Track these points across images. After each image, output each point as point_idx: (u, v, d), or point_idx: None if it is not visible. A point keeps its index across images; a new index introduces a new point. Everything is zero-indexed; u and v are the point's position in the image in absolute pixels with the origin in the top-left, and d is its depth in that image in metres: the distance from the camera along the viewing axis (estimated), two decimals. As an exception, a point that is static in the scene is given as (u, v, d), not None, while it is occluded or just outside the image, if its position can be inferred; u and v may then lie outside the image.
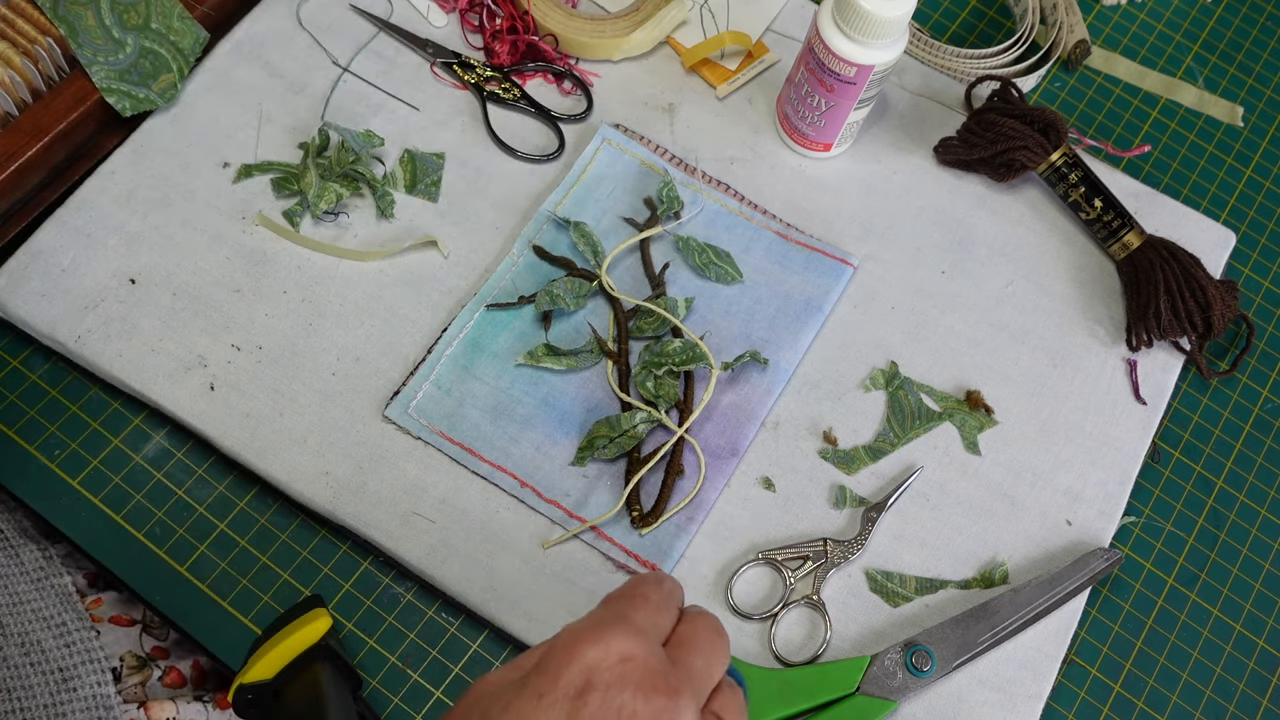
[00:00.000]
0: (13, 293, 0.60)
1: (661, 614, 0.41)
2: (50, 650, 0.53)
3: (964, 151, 0.67)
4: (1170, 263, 0.64)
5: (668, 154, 0.67)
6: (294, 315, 0.61)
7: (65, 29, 0.61)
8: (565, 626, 0.39)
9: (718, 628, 0.42)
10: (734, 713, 0.41)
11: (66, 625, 0.55)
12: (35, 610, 0.55)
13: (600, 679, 0.37)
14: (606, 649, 0.38)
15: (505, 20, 0.69)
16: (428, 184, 0.65)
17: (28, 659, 0.53)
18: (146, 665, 0.55)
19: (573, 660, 0.38)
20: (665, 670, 0.38)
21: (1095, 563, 0.58)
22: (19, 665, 0.52)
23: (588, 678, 0.37)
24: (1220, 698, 0.59)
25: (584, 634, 0.38)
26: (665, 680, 0.38)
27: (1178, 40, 0.77)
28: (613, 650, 0.38)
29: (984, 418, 0.62)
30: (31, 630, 0.54)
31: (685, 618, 0.42)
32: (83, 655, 0.54)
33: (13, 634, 0.53)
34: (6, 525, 0.58)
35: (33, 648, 0.53)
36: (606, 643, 0.38)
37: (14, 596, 0.55)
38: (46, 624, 0.54)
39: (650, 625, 0.41)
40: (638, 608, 0.41)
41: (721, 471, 0.59)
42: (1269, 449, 0.65)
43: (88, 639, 0.54)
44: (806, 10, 0.72)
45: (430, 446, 0.59)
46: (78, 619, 0.55)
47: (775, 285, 0.64)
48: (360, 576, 0.58)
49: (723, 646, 0.42)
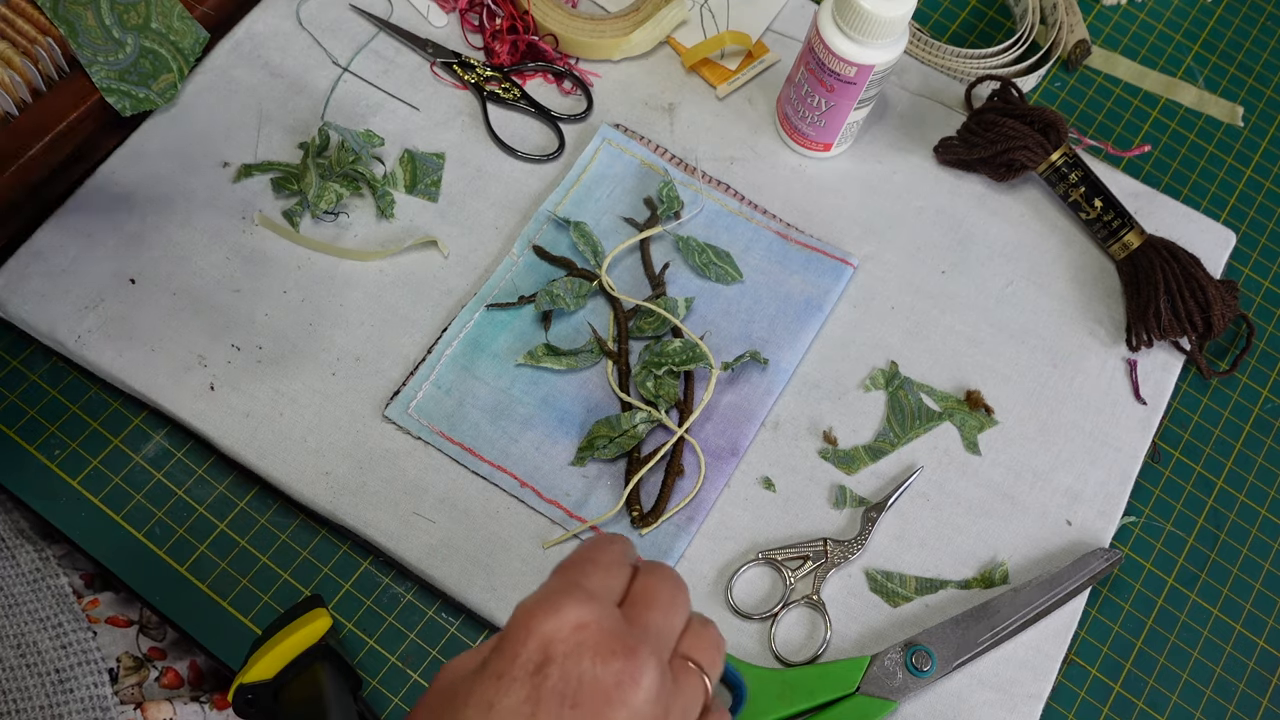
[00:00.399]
0: (13, 293, 0.60)
1: (613, 575, 0.41)
2: (46, 652, 0.53)
3: (964, 151, 0.67)
4: (1170, 263, 0.64)
5: (668, 154, 0.67)
6: (294, 315, 0.61)
7: (65, 29, 0.61)
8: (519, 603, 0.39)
9: (674, 577, 0.42)
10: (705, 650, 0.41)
11: (63, 626, 0.54)
12: (31, 612, 0.55)
13: (557, 650, 0.37)
14: (560, 619, 0.37)
15: (505, 20, 0.69)
16: (428, 184, 0.65)
17: (24, 661, 0.53)
18: (143, 666, 0.55)
19: (529, 636, 0.37)
20: (621, 631, 0.38)
21: (1095, 563, 0.58)
22: (15, 667, 0.52)
23: (545, 651, 0.37)
24: (1220, 698, 0.59)
25: (536, 607, 0.38)
26: (621, 641, 0.38)
27: (1178, 40, 0.77)
28: (566, 619, 0.37)
29: (984, 418, 0.62)
30: (27, 632, 0.54)
31: (640, 573, 0.42)
32: (79, 656, 0.54)
33: (8, 636, 0.53)
34: (3, 526, 0.58)
35: (29, 649, 0.53)
36: (560, 613, 0.37)
37: (9, 598, 0.55)
38: (43, 625, 0.54)
39: (602, 588, 0.40)
40: (588, 573, 0.40)
41: (721, 471, 0.59)
42: (1269, 449, 0.65)
43: (84, 640, 0.54)
44: (806, 10, 0.72)
45: (430, 446, 0.59)
46: (74, 620, 0.55)
47: (775, 285, 0.64)
48: (360, 576, 0.58)
49: (681, 595, 0.41)
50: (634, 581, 0.41)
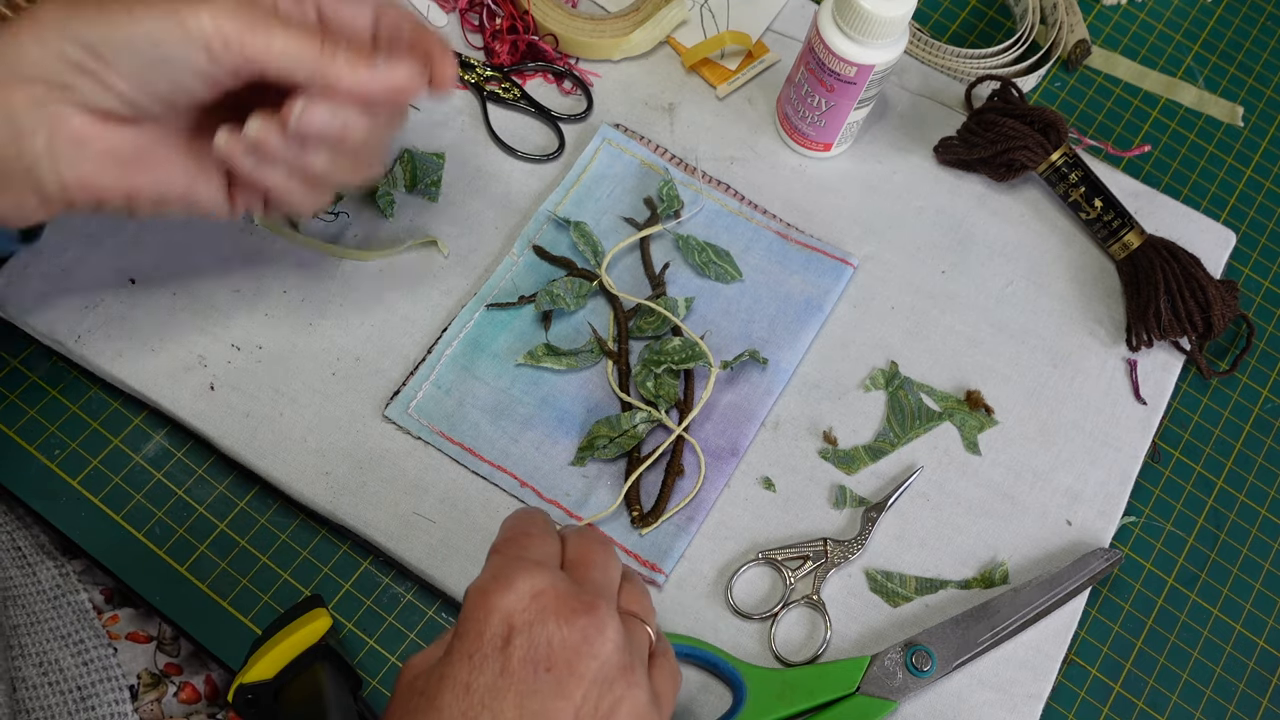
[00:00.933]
0: (13, 293, 0.60)
1: (548, 543, 0.43)
2: (68, 669, 0.53)
3: (964, 151, 0.67)
4: (1170, 263, 0.64)
5: (668, 154, 0.67)
6: (294, 315, 0.61)
7: (65, 29, 0.61)
8: (469, 587, 0.40)
9: (602, 538, 0.45)
10: (639, 599, 0.44)
11: (84, 643, 0.54)
12: (53, 629, 0.54)
13: (520, 621, 0.39)
14: (517, 591, 0.39)
15: (505, 20, 0.69)
16: (428, 184, 0.65)
17: (46, 679, 0.52)
18: (161, 682, 0.55)
19: (489, 614, 0.39)
20: (575, 591, 0.40)
21: (1095, 563, 0.58)
22: (37, 685, 0.52)
23: (508, 624, 0.39)
24: (1220, 698, 0.59)
25: (490, 585, 0.39)
26: (579, 600, 0.40)
27: (1178, 40, 0.77)
28: (522, 591, 0.39)
29: (984, 418, 0.62)
30: (49, 649, 0.53)
31: (569, 539, 0.44)
32: (101, 674, 0.54)
33: (30, 654, 0.53)
34: (24, 542, 0.58)
35: (50, 667, 0.53)
36: (515, 586, 0.39)
37: (31, 615, 0.54)
38: (64, 642, 0.54)
39: (545, 556, 0.42)
40: (526, 546, 0.42)
41: (721, 471, 0.59)
42: (1269, 449, 0.65)
43: (105, 657, 0.54)
44: (806, 10, 0.72)
45: (430, 446, 0.59)
46: (95, 637, 0.55)
47: (775, 285, 0.64)
48: (360, 576, 0.58)
49: (611, 553, 0.44)
50: (566, 547, 0.44)
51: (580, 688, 0.38)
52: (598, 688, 0.39)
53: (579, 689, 0.38)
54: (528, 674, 0.38)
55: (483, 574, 0.41)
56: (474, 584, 0.40)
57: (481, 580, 0.40)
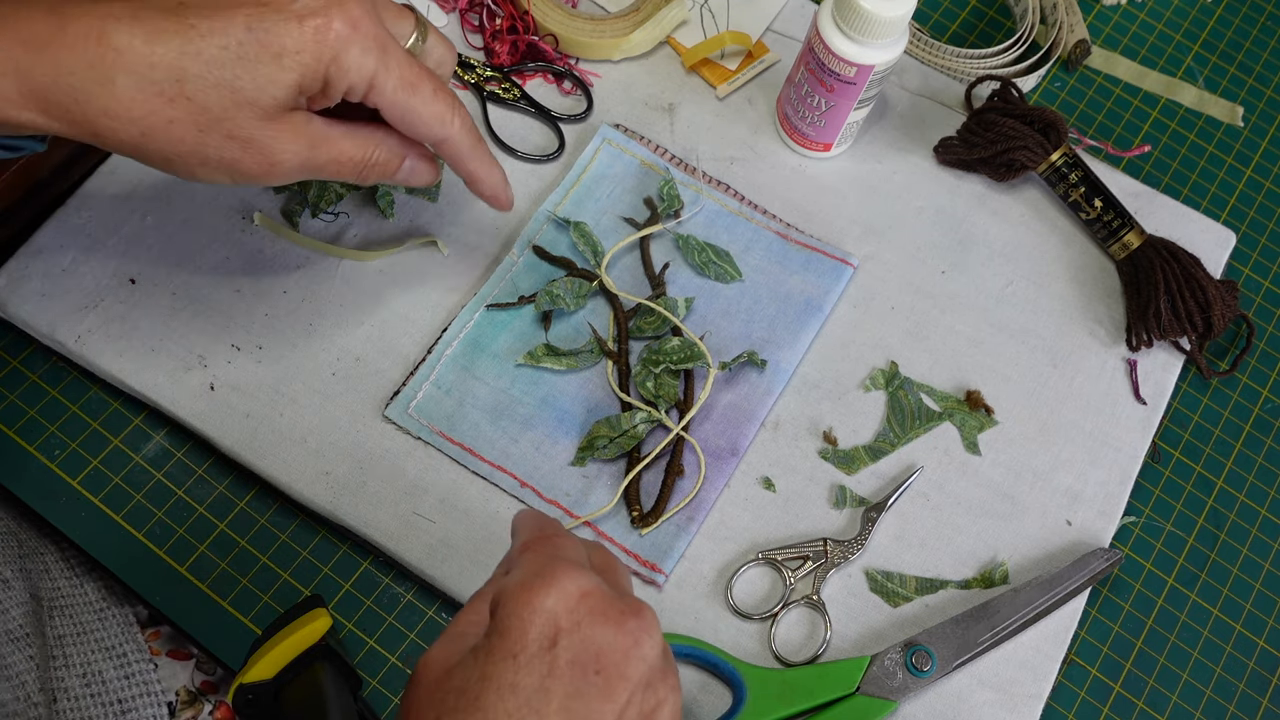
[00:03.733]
0: (13, 293, 0.60)
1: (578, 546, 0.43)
2: (110, 681, 0.53)
3: (964, 151, 0.67)
4: (1170, 263, 0.64)
5: (668, 154, 0.67)
6: (294, 315, 0.61)
7: (65, 29, 0.61)
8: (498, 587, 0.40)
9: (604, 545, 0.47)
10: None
11: (127, 656, 0.54)
12: (98, 640, 0.54)
13: (567, 622, 0.38)
14: (562, 592, 0.38)
15: (505, 20, 0.69)
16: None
17: (88, 690, 0.52)
18: (198, 700, 0.55)
19: (535, 613, 0.38)
20: (615, 594, 0.40)
21: (1095, 563, 0.58)
22: (79, 696, 0.52)
23: (554, 625, 0.38)
24: (1220, 698, 0.59)
25: (534, 584, 0.39)
26: (625, 603, 0.39)
27: (1178, 40, 0.77)
28: (569, 591, 0.39)
29: (984, 418, 0.62)
30: (93, 660, 0.53)
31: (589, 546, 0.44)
32: (141, 688, 0.53)
33: (74, 664, 0.53)
34: (74, 555, 0.58)
35: (93, 678, 0.53)
36: (560, 586, 0.39)
37: (78, 626, 0.55)
38: (108, 654, 0.54)
39: (580, 558, 0.42)
40: (560, 546, 0.42)
41: (721, 471, 0.59)
42: (1269, 449, 0.65)
43: (146, 671, 0.54)
44: (806, 10, 0.72)
45: (430, 446, 0.59)
46: (138, 650, 0.55)
47: (775, 285, 0.64)
48: (360, 576, 0.58)
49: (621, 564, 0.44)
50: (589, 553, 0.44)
51: (626, 690, 0.38)
52: (641, 690, 0.39)
53: (625, 691, 0.38)
54: (576, 676, 0.38)
55: (520, 572, 0.40)
56: (513, 581, 0.39)
57: (523, 578, 0.39)
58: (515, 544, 0.43)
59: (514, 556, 0.42)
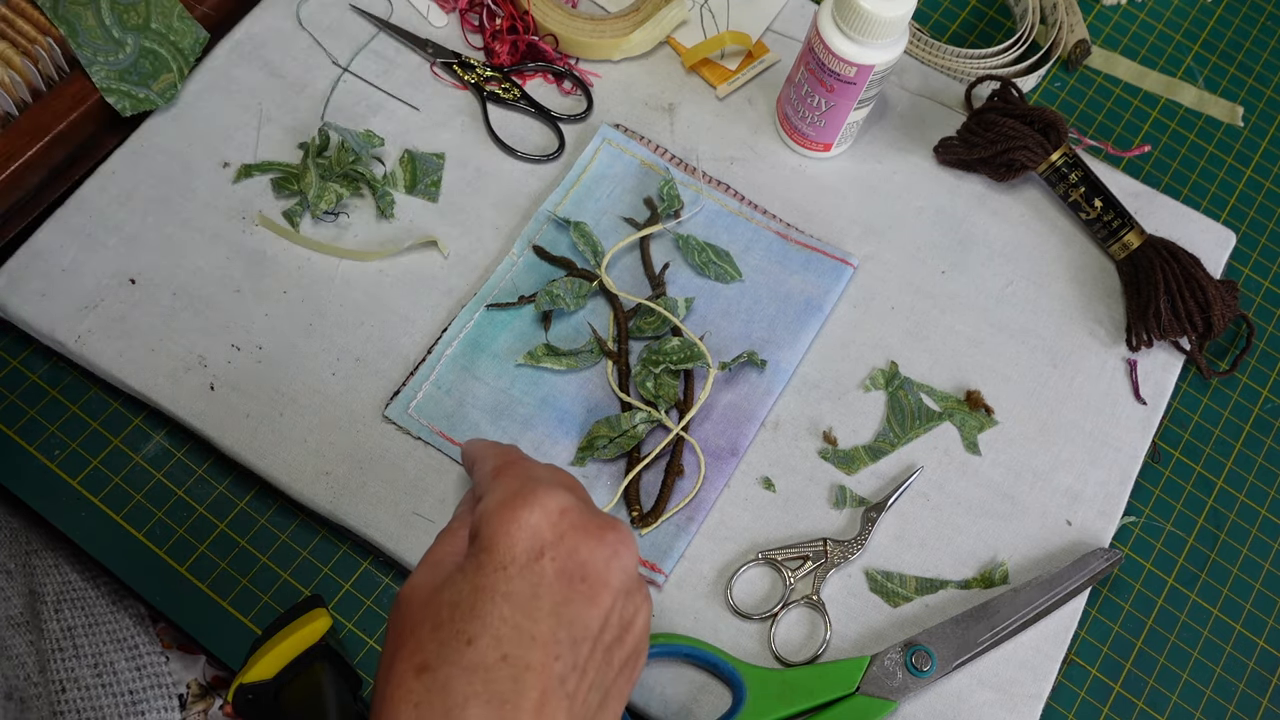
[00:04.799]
0: (13, 293, 0.60)
1: (545, 468, 0.45)
2: (122, 672, 0.53)
3: (964, 151, 0.67)
4: (1170, 263, 0.64)
5: (668, 154, 0.67)
6: (294, 315, 0.61)
7: (65, 29, 0.61)
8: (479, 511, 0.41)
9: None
10: None
11: (139, 649, 0.55)
12: (110, 632, 0.55)
13: (551, 536, 0.41)
14: (544, 509, 0.41)
15: (505, 20, 0.69)
16: (428, 184, 0.65)
17: (100, 680, 0.53)
18: (209, 694, 0.55)
19: (520, 528, 0.40)
20: (592, 509, 0.42)
21: (1095, 563, 0.58)
22: (90, 686, 0.52)
23: (540, 539, 0.40)
24: (1220, 698, 0.59)
25: (515, 503, 0.41)
26: (603, 517, 0.42)
27: (1178, 40, 0.77)
28: (550, 508, 0.41)
29: (984, 418, 0.62)
30: (105, 651, 0.54)
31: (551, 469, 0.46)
32: (152, 680, 0.54)
33: (86, 655, 0.53)
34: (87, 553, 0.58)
35: (105, 669, 0.53)
36: (541, 503, 0.41)
37: (91, 617, 0.55)
38: (120, 646, 0.54)
39: (552, 478, 0.43)
40: (531, 468, 0.44)
41: (721, 471, 0.59)
42: (1269, 449, 0.65)
43: (158, 664, 0.55)
44: (806, 10, 0.72)
45: (430, 446, 0.59)
46: (150, 643, 0.55)
47: (775, 285, 0.64)
48: (360, 576, 0.58)
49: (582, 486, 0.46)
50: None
51: (610, 597, 0.41)
52: (623, 597, 0.42)
53: (609, 598, 0.41)
54: (563, 585, 0.40)
55: (499, 493, 0.42)
56: (493, 501, 0.41)
57: (502, 498, 0.41)
58: (482, 470, 0.45)
59: (485, 482, 0.44)
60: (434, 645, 0.39)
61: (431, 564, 0.42)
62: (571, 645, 0.40)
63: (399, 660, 0.39)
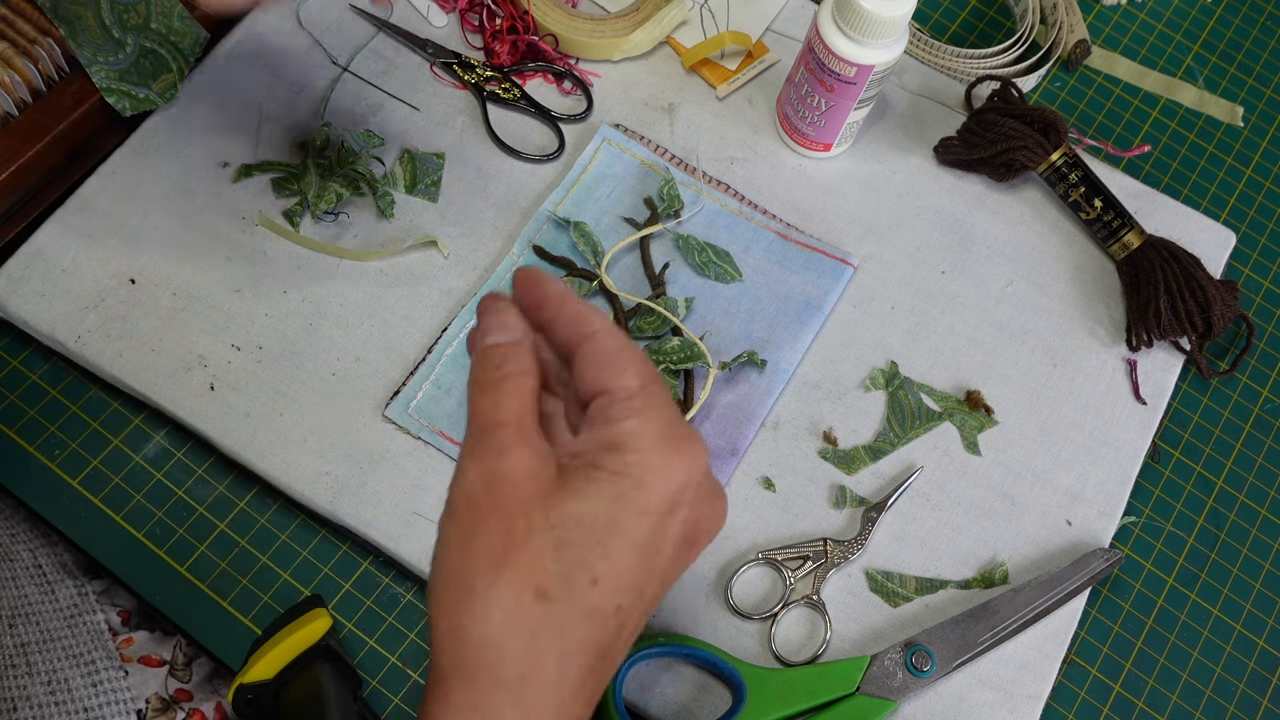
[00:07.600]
0: (13, 293, 0.60)
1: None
2: (77, 689, 0.53)
3: (964, 151, 0.67)
4: (1170, 263, 0.64)
5: (668, 154, 0.67)
6: (294, 315, 0.61)
7: (65, 29, 0.61)
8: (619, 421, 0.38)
9: None
10: None
11: (96, 665, 0.54)
12: (66, 648, 0.54)
13: (691, 496, 0.39)
14: (696, 464, 0.40)
15: (505, 20, 0.69)
16: (428, 184, 0.65)
17: (53, 698, 0.52)
18: (170, 708, 0.55)
19: (670, 475, 0.39)
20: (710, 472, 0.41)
21: (1095, 563, 0.58)
22: (43, 704, 0.52)
23: (680, 495, 0.39)
24: (1220, 698, 0.59)
25: (673, 445, 0.39)
26: (717, 484, 0.42)
27: (1178, 40, 0.77)
28: (700, 466, 0.40)
29: (984, 418, 0.62)
30: (60, 669, 0.53)
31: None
32: (109, 696, 0.53)
33: (40, 672, 0.52)
34: (46, 560, 0.57)
35: (59, 687, 0.52)
36: (696, 457, 0.40)
37: (45, 634, 0.54)
38: (76, 662, 0.54)
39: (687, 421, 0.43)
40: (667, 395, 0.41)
41: (721, 471, 0.59)
42: (1269, 449, 0.65)
43: (115, 679, 0.54)
44: (806, 10, 0.72)
45: (430, 446, 0.59)
46: (107, 658, 0.54)
47: (775, 285, 0.64)
48: (360, 576, 0.58)
49: None
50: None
51: (697, 556, 0.42)
52: (697, 553, 0.42)
53: (697, 557, 0.42)
54: (679, 549, 0.40)
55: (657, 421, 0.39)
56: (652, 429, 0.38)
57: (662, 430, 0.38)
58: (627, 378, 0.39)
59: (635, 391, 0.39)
60: (557, 569, 0.36)
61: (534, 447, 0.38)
62: (656, 598, 0.40)
63: (510, 567, 0.36)
